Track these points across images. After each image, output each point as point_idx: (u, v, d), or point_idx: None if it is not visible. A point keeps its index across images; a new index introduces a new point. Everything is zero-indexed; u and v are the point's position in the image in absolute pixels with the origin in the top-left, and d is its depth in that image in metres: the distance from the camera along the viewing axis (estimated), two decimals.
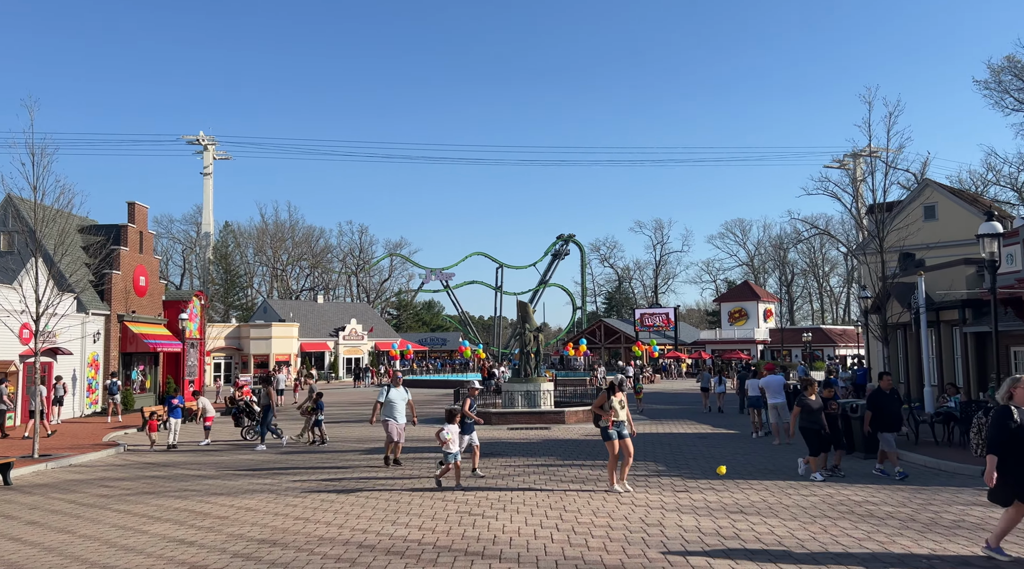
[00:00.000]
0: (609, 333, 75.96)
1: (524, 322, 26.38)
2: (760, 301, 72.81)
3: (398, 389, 15.11)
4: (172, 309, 35.38)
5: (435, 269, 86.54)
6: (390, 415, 14.79)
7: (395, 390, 15.02)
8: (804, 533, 8.81)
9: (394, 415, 14.78)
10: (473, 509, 10.48)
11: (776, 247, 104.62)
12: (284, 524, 9.79)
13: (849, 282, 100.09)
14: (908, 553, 7.88)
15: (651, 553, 7.99)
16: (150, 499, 11.96)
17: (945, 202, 32.64)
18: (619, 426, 11.74)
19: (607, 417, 11.71)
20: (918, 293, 24.52)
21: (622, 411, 11.84)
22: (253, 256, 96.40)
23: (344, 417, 28.20)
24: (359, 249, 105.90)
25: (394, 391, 14.98)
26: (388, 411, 14.85)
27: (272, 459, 16.62)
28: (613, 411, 11.68)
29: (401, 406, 14.93)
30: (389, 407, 14.89)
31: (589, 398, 28.30)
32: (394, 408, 14.85)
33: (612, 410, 11.68)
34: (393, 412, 14.80)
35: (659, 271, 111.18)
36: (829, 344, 68.68)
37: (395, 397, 14.93)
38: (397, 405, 14.90)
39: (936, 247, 30.67)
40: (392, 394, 14.92)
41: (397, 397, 14.96)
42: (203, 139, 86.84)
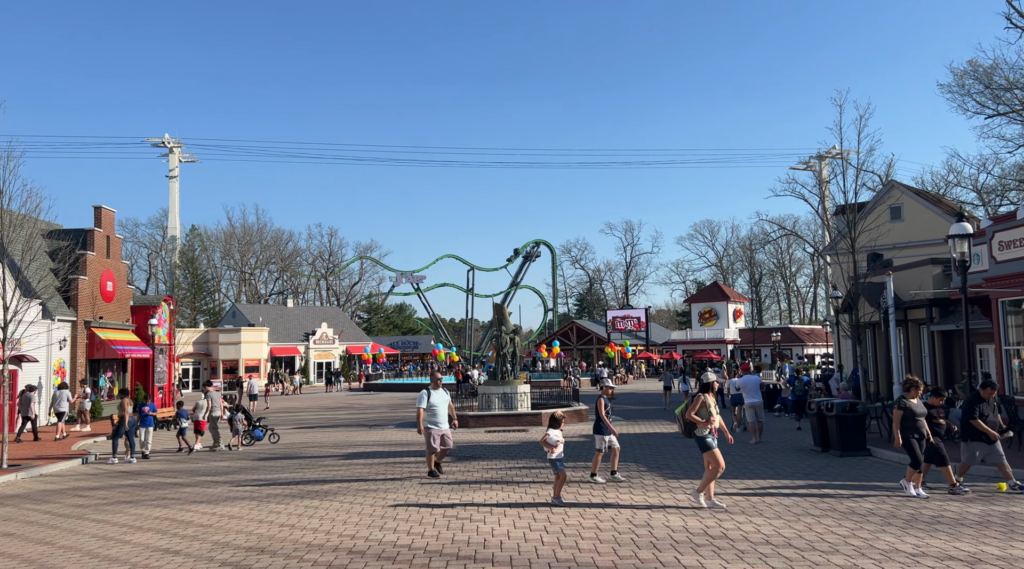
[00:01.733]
0: (581, 335, 76.32)
1: (500, 324, 26.38)
2: (730, 301, 73.73)
3: (439, 391, 14.05)
4: (140, 314, 34.73)
5: (406, 272, 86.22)
6: (435, 422, 13.71)
7: (436, 393, 13.95)
8: (790, 531, 8.95)
9: (438, 421, 13.72)
10: (460, 513, 10.45)
11: (744, 248, 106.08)
12: (270, 531, 9.67)
13: (816, 282, 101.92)
14: (892, 548, 8.04)
15: (642, 554, 8.04)
16: (128, 508, 11.72)
17: (911, 203, 33.39)
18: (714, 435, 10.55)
19: (704, 424, 10.44)
20: (887, 293, 25.04)
21: (717, 416, 10.61)
22: (221, 260, 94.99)
23: (318, 422, 27.92)
24: (329, 252, 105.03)
25: (435, 395, 13.91)
26: (432, 417, 13.76)
27: (248, 466, 16.39)
28: (711, 417, 10.46)
29: (444, 410, 13.87)
30: (432, 413, 13.78)
31: (565, 400, 28.42)
32: (437, 413, 13.77)
33: (711, 416, 10.46)
34: (437, 418, 13.74)
35: (629, 272, 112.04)
36: (798, 343, 69.80)
37: (437, 401, 13.87)
38: (440, 409, 13.82)
39: (903, 247, 31.35)
40: (434, 398, 13.86)
41: (439, 400, 13.91)
42: (168, 142, 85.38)
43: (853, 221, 21.32)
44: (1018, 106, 32.52)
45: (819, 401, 16.71)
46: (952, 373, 23.98)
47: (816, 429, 16.62)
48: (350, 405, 37.72)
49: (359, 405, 37.47)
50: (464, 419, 23.54)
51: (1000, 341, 18.10)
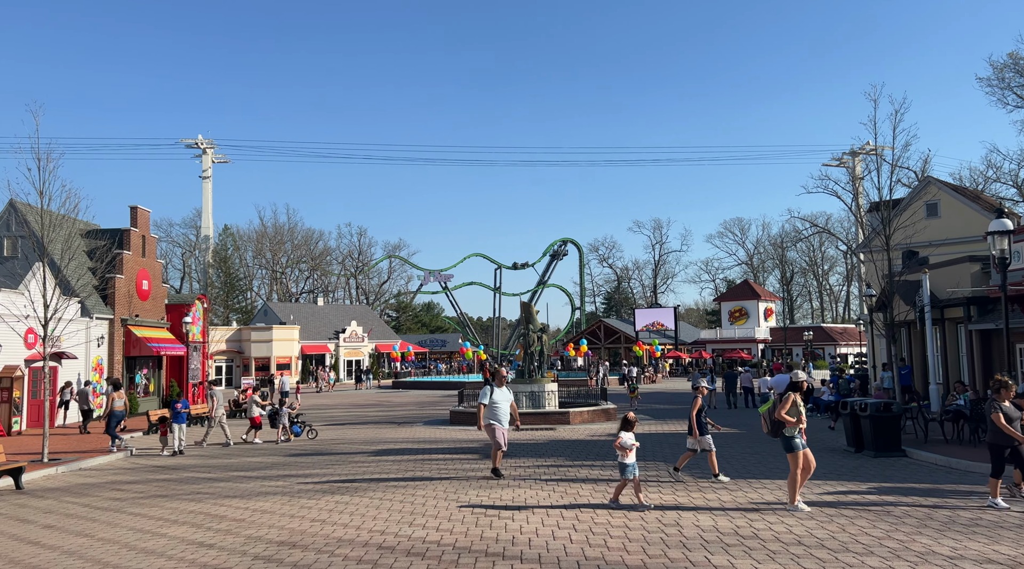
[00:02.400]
0: (609, 333, 75.99)
1: (528, 322, 26.37)
2: (760, 300, 72.87)
3: (502, 389, 13.54)
4: (175, 312, 35.36)
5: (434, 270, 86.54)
6: (496, 418, 13.21)
7: (499, 390, 13.45)
8: (822, 532, 8.83)
9: (499, 418, 13.24)
10: (488, 511, 10.48)
11: (776, 246, 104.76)
12: (301, 526, 9.79)
13: (849, 280, 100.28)
14: (928, 551, 7.89)
15: (672, 553, 7.99)
16: (164, 502, 11.95)
17: (947, 199, 32.70)
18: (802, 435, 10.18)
19: (794, 423, 10.05)
20: (923, 291, 24.56)
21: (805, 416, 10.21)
22: (252, 259, 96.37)
23: (348, 419, 28.19)
24: (358, 251, 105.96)
25: (498, 392, 13.42)
26: (493, 414, 13.26)
27: (280, 461, 16.61)
28: (800, 417, 10.10)
29: (506, 408, 13.39)
30: (494, 410, 13.30)
31: (592, 398, 28.31)
32: (499, 410, 13.29)
33: (800, 415, 10.09)
34: (498, 415, 13.26)
35: (658, 271, 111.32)
36: (830, 343, 68.75)
37: (500, 398, 13.37)
38: (502, 407, 13.34)
39: (939, 244, 30.72)
40: (497, 395, 13.36)
41: (502, 398, 13.41)
42: (201, 142, 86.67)
43: (888, 218, 20.93)
44: None
45: (852, 401, 16.45)
46: (990, 373, 23.43)
47: (849, 429, 16.37)
48: (379, 403, 38.02)
49: (388, 403, 37.75)
50: None
51: None
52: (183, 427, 19.49)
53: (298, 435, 21.53)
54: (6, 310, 24.33)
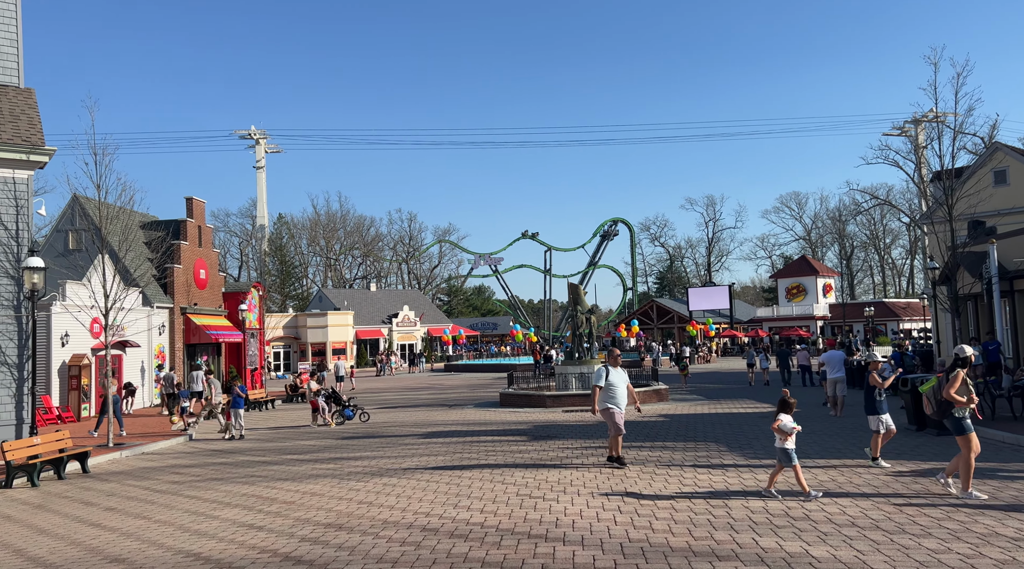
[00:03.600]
0: (662, 313, 75.12)
1: (576, 304, 26.18)
2: (819, 276, 70.90)
3: (617, 370, 12.67)
4: (232, 300, 36.31)
5: (484, 254, 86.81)
6: (613, 402, 12.36)
7: (615, 372, 12.58)
8: (878, 513, 8.51)
9: (617, 401, 12.39)
10: (534, 492, 10.44)
11: (834, 220, 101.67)
12: (348, 508, 9.92)
13: (912, 253, 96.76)
14: (991, 532, 7.52)
15: (719, 535, 7.81)
16: (218, 485, 12.28)
17: (1017, 166, 31.05)
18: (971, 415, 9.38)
19: (963, 403, 9.27)
20: (990, 262, 23.42)
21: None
22: (307, 247, 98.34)
23: (400, 402, 28.56)
24: (409, 237, 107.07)
25: (614, 373, 12.55)
26: (609, 397, 12.39)
27: (332, 445, 16.91)
28: (971, 395, 9.35)
29: (623, 390, 12.57)
30: (610, 392, 12.43)
31: (644, 379, 28.01)
32: (616, 394, 12.44)
33: (970, 394, 9.35)
34: (616, 397, 12.41)
35: (712, 248, 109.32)
36: (892, 318, 66.56)
37: (616, 380, 12.52)
38: (619, 389, 12.50)
39: (1007, 213, 29.27)
40: (613, 376, 12.49)
41: (619, 379, 12.56)
42: (255, 133, 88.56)
43: (951, 188, 19.98)
44: None
45: (914, 377, 15.83)
46: None
47: (911, 407, 15.77)
48: (431, 386, 38.43)
49: (440, 386, 38.13)
50: (541, 399, 23.59)
51: None
52: (241, 412, 20.00)
53: (350, 418, 21.91)
54: (72, 301, 25.33)
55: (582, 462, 12.84)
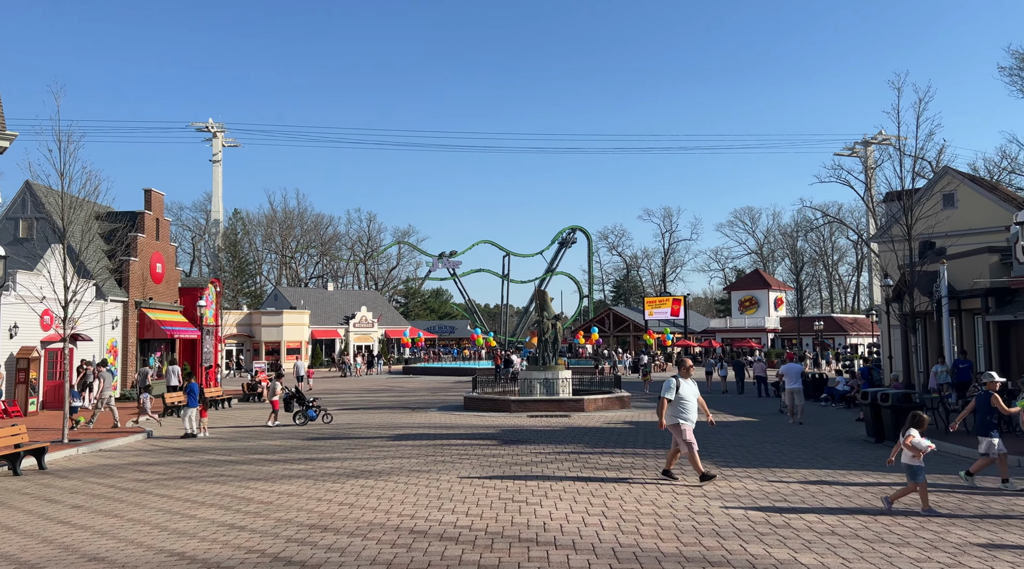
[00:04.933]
0: (618, 321, 75.92)
1: (543, 310, 26.34)
2: (771, 289, 72.63)
3: (688, 381, 11.80)
4: (188, 296, 35.46)
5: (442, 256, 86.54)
6: (685, 417, 11.46)
7: (686, 383, 11.72)
8: (855, 522, 8.79)
9: (689, 416, 11.52)
10: (515, 496, 10.47)
11: (786, 235, 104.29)
12: (330, 509, 9.80)
13: (859, 270, 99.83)
14: (965, 542, 7.85)
15: (707, 541, 7.97)
16: (188, 484, 12.00)
17: (965, 190, 32.38)
18: None
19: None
20: (940, 282, 24.38)
21: None
22: (262, 243, 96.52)
23: (361, 404, 28.27)
24: (367, 237, 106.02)
25: (685, 385, 11.67)
26: (681, 411, 11.48)
27: (299, 445, 16.65)
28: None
29: (694, 404, 11.65)
30: (681, 406, 11.51)
31: (606, 386, 28.29)
32: (688, 408, 11.55)
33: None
34: (688, 412, 11.52)
35: (667, 259, 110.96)
36: (840, 333, 68.54)
37: (687, 393, 11.62)
38: (690, 403, 11.59)
39: (957, 235, 30.47)
40: (684, 389, 11.60)
41: (690, 393, 11.65)
42: (212, 126, 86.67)
43: (910, 207, 20.74)
44: None
45: (874, 391, 16.37)
46: (1008, 365, 23.30)
47: (870, 419, 16.30)
48: (391, 388, 38.12)
49: (400, 388, 37.85)
50: (506, 404, 23.63)
51: None
52: (194, 410, 19.43)
53: (313, 419, 21.60)
54: (25, 291, 24.42)
55: (557, 467, 12.92)
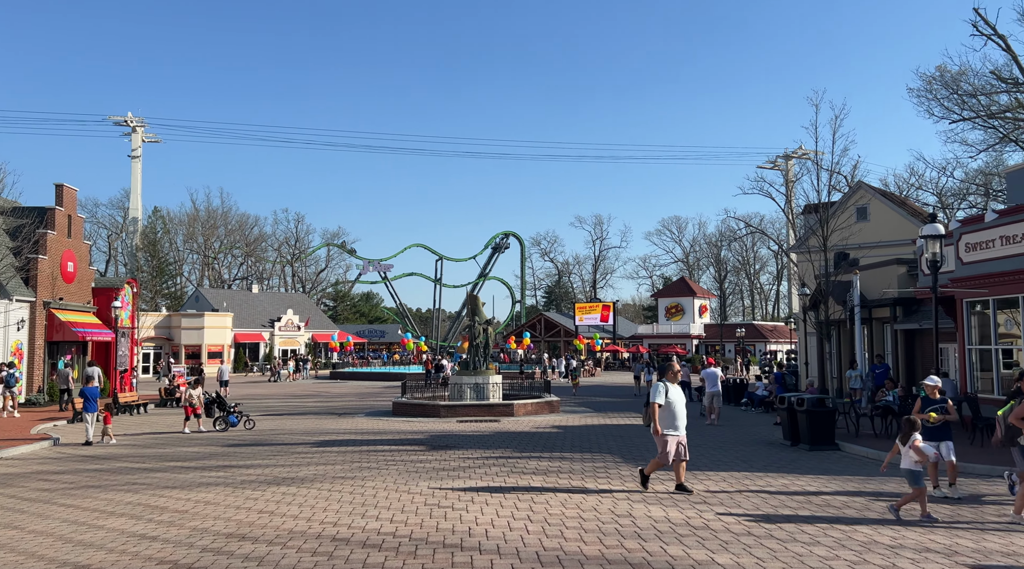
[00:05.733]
0: (549, 326, 76.59)
1: (474, 314, 26.32)
2: (696, 297, 74.62)
3: (676, 387, 11.16)
4: (102, 297, 33.86)
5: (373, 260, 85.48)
6: (674, 425, 10.82)
7: (674, 388, 11.07)
8: (770, 523, 9.08)
9: (678, 424, 10.86)
10: (441, 502, 10.40)
11: (711, 244, 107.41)
12: (248, 517, 9.51)
13: (779, 280, 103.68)
14: (871, 541, 8.22)
15: (628, 544, 8.09)
16: (97, 493, 11.44)
17: (877, 204, 34.07)
18: None
19: None
20: (853, 291, 25.57)
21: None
22: (183, 243, 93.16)
23: (286, 410, 27.59)
24: (295, 238, 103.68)
25: (674, 390, 11.03)
26: (671, 419, 10.83)
27: (219, 452, 16.11)
28: None
29: (683, 410, 10.98)
30: (672, 414, 10.85)
31: (536, 391, 28.47)
32: (677, 414, 10.88)
33: None
34: (677, 420, 10.86)
35: (598, 266, 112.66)
36: (761, 339, 70.98)
37: (676, 398, 10.97)
38: (679, 409, 10.92)
39: (869, 247, 32.00)
40: (673, 394, 10.94)
41: (678, 398, 11.01)
42: (131, 120, 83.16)
43: (826, 219, 21.70)
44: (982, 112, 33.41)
45: (790, 396, 17.00)
46: (913, 371, 24.60)
47: (786, 423, 16.91)
48: (317, 393, 37.34)
49: (327, 393, 37.12)
50: (436, 409, 23.48)
51: (964, 340, 18.59)
52: (93, 416, 18.49)
53: (234, 425, 20.94)
54: None
55: (485, 472, 12.91)
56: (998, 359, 17.52)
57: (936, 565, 7.22)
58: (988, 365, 17.82)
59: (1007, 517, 9.25)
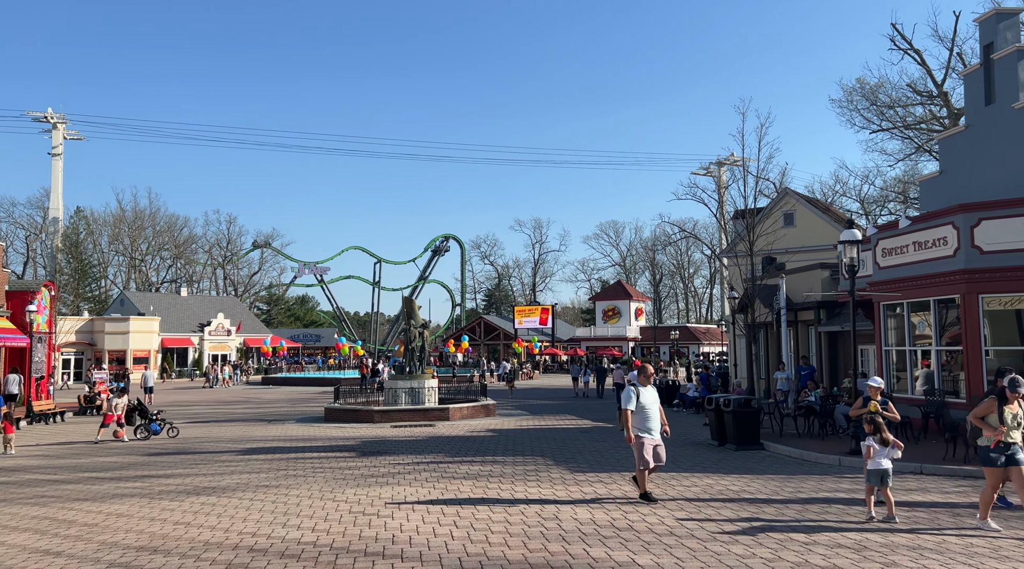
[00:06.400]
0: (489, 330, 76.59)
1: (409, 318, 26.07)
2: (632, 300, 75.80)
3: (649, 389, 10.71)
4: (17, 300, 32.16)
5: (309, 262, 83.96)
6: (647, 428, 10.45)
7: (646, 391, 10.63)
8: (692, 523, 9.24)
9: (650, 427, 10.48)
10: (367, 509, 10.22)
11: (647, 249, 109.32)
12: (163, 529, 9.15)
13: (712, 283, 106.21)
14: (787, 538, 8.44)
15: (552, 547, 8.10)
16: (1, 507, 10.82)
17: (803, 210, 35.27)
18: (1010, 449, 8.65)
19: (991, 432, 8.75)
20: (779, 294, 26.39)
21: (1016, 432, 8.68)
22: (108, 245, 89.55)
23: (213, 417, 26.77)
24: (227, 240, 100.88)
25: (646, 393, 10.59)
26: (643, 422, 10.45)
27: (138, 461, 15.49)
28: (1002, 427, 8.67)
29: (657, 413, 10.59)
30: (644, 417, 10.47)
31: (472, 394, 28.38)
32: (650, 417, 10.50)
33: (1002, 426, 8.68)
34: (650, 423, 10.49)
35: (537, 269, 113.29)
36: (694, 342, 72.55)
37: (648, 401, 10.55)
38: (652, 412, 10.53)
39: (795, 252, 33.07)
40: (645, 397, 10.54)
41: (651, 401, 10.59)
42: (52, 117, 79.43)
43: (752, 225, 22.31)
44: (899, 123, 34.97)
45: (717, 397, 17.39)
46: (836, 371, 25.51)
47: (714, 424, 17.28)
48: (248, 399, 36.37)
49: (258, 399, 36.19)
50: (369, 414, 23.14)
51: (880, 342, 19.36)
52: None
53: (157, 433, 20.18)
54: None
55: (415, 477, 12.76)
56: (913, 360, 18.29)
57: (846, 560, 7.46)
58: (904, 365, 18.59)
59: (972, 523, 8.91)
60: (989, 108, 19.41)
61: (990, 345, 16.39)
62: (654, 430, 10.50)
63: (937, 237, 16.92)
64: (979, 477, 11.89)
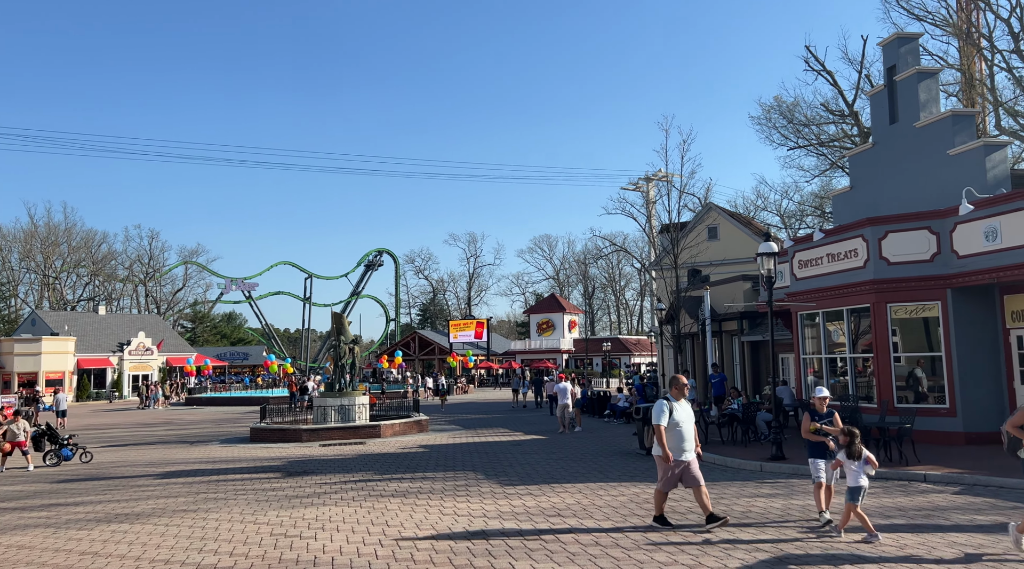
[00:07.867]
0: (424, 344, 76.01)
1: (339, 334, 25.60)
2: (565, 313, 76.54)
3: (682, 403, 9.57)
4: None
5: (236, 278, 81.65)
6: (682, 448, 9.29)
7: (680, 406, 9.49)
8: (618, 533, 9.33)
9: (685, 447, 9.33)
10: (289, 530, 9.95)
11: (579, 262, 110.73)
12: (67, 561, 8.67)
13: (642, 296, 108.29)
14: (707, 542, 8.62)
15: (478, 562, 8.05)
16: None
17: (726, 224, 36.42)
18: None
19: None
20: (704, 306, 27.11)
21: None
22: (18, 262, 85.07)
23: (132, 439, 25.65)
24: (148, 256, 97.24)
25: (680, 408, 9.46)
26: (678, 441, 9.29)
27: (45, 489, 14.68)
28: None
29: (691, 430, 9.46)
30: (678, 435, 9.31)
31: (405, 410, 28.03)
32: (684, 435, 9.34)
33: None
34: (684, 443, 9.33)
35: (472, 283, 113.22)
36: (626, 353, 73.74)
37: (683, 417, 9.41)
38: (686, 429, 9.38)
39: (719, 264, 34.06)
40: (679, 413, 9.39)
41: (685, 416, 9.45)
42: None
43: (676, 239, 22.89)
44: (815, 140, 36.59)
45: (645, 406, 17.68)
46: (758, 379, 26.33)
47: (642, 433, 17.54)
48: (169, 421, 34.99)
49: (180, 420, 34.85)
50: (297, 434, 22.60)
51: (799, 350, 20.09)
52: None
53: (68, 459, 19.17)
54: None
55: (341, 497, 12.49)
56: (830, 368, 19.04)
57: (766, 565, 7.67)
58: (821, 374, 19.33)
59: None
60: (893, 126, 20.50)
61: (901, 352, 17.21)
62: (687, 450, 9.32)
63: (848, 249, 17.71)
64: (897, 478, 12.44)
